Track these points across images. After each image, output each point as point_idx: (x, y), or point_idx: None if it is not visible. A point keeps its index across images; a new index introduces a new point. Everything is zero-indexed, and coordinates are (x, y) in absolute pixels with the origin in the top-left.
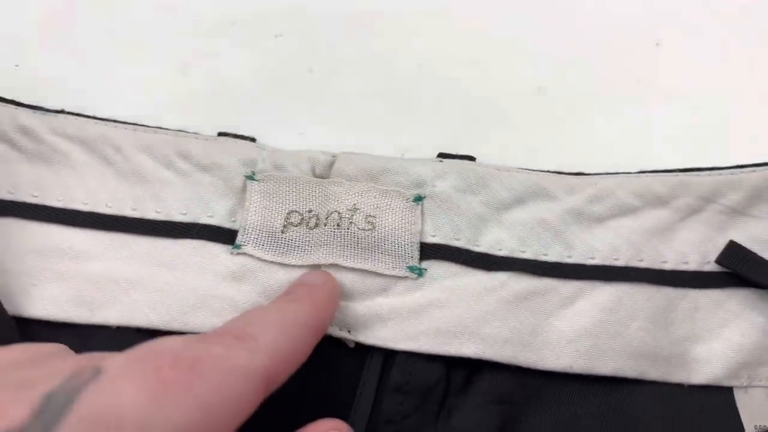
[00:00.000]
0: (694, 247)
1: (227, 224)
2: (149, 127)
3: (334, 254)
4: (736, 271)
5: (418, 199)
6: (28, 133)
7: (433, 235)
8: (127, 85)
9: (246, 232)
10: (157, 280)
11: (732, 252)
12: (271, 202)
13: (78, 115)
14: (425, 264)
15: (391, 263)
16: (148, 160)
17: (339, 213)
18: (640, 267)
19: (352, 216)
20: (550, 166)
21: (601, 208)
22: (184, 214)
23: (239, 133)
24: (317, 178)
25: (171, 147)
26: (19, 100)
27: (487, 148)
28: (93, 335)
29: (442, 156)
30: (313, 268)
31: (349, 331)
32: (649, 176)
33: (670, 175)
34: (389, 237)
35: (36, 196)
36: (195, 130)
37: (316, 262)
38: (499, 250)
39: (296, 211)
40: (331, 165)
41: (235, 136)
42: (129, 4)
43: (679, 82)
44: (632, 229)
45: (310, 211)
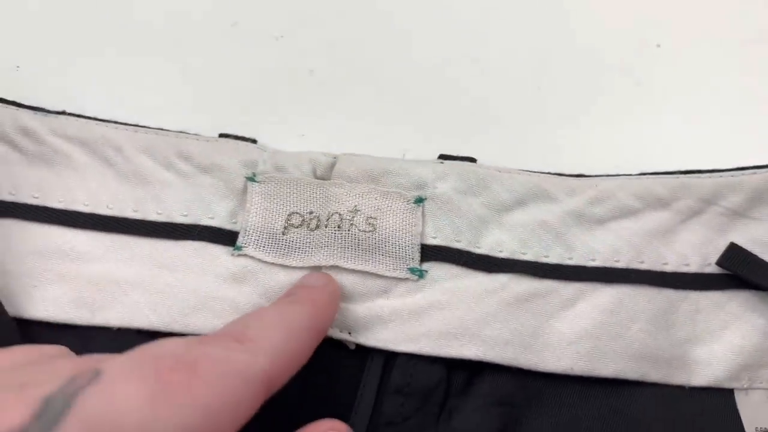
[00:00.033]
0: (695, 249)
1: (228, 226)
2: (150, 128)
3: (335, 256)
4: (737, 273)
5: (419, 201)
6: (29, 134)
7: (434, 237)
8: (127, 87)
9: (247, 234)
10: (157, 282)
11: (733, 254)
12: (272, 203)
13: (79, 116)
14: (426, 266)
15: (391, 265)
16: (149, 162)
17: (340, 214)
18: (641, 269)
19: (353, 217)
20: (551, 168)
21: (602, 210)
22: (185, 216)
23: (240, 134)
24: (318, 179)
25: (172, 148)
26: (20, 101)
27: (488, 149)
28: (94, 337)
29: (443, 157)
30: (314, 270)
31: (350, 333)
32: (650, 178)
33: (671, 177)
34: (390, 238)
35: (37, 198)
36: (196, 131)
37: (317, 264)
38: (500, 251)
39: (297, 213)
40: (332, 166)
41: (236, 138)
42: (130, 5)
43: (679, 84)
44: (633, 231)
45: (311, 212)
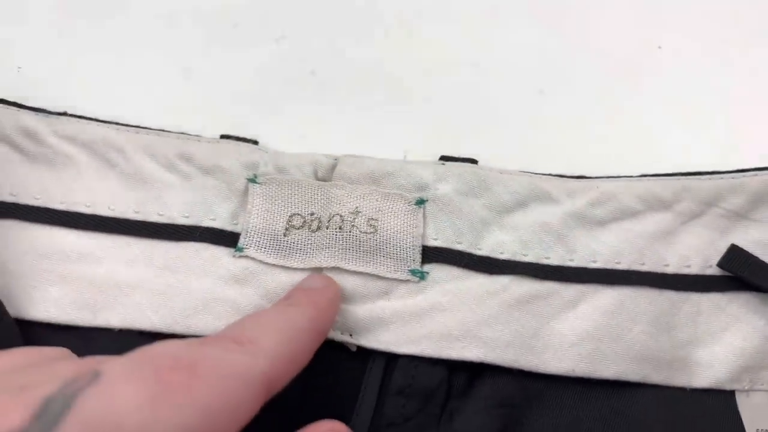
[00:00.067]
0: (696, 251)
1: (229, 227)
2: (152, 129)
3: (336, 257)
4: (738, 275)
5: (420, 203)
6: (31, 135)
7: (435, 239)
8: (129, 88)
9: (248, 235)
10: (159, 283)
11: (734, 256)
12: (273, 205)
13: (80, 117)
14: (427, 267)
15: (393, 266)
16: (151, 163)
17: (341, 216)
18: (642, 270)
19: (354, 219)
20: (552, 170)
21: (603, 212)
22: (187, 217)
23: (241, 135)
24: (319, 181)
25: (173, 149)
26: (22, 102)
27: (489, 151)
28: (95, 338)
29: (444, 159)
30: (315, 271)
31: (351, 335)
32: (651, 180)
33: (672, 179)
34: (391, 240)
35: (38, 199)
36: (197, 132)
37: (318, 265)
38: (501, 253)
39: (298, 214)
40: (333, 168)
41: (238, 139)
42: (131, 6)
43: (680, 86)
44: (634, 233)
45: (312, 214)
